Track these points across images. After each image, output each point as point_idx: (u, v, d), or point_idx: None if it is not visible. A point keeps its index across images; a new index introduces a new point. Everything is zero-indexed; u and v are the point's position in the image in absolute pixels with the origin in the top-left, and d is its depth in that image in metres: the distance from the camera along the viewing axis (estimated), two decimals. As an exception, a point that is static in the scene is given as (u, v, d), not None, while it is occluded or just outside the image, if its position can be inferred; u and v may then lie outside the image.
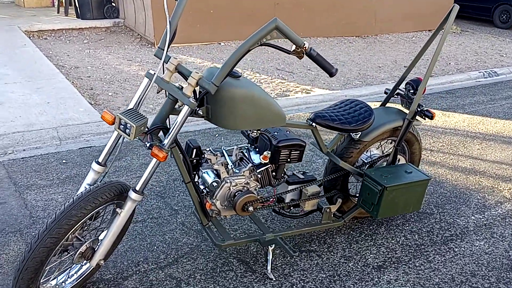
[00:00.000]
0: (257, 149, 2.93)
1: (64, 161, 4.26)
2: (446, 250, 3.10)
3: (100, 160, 2.45)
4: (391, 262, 2.97)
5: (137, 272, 2.81)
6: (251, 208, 2.79)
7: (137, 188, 2.37)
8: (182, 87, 2.39)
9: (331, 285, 2.76)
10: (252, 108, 2.51)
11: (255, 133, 2.75)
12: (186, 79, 2.37)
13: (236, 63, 2.32)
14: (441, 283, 2.80)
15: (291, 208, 3.13)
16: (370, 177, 2.95)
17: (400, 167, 3.11)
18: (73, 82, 6.21)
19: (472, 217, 3.49)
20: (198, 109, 2.49)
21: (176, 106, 2.45)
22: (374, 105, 5.34)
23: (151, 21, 8.07)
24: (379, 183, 2.89)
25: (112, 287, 2.67)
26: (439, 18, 10.53)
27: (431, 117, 3.11)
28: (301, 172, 3.17)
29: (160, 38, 8.07)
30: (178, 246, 3.06)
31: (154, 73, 2.33)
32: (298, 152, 2.86)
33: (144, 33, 8.49)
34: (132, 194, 2.36)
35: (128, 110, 2.25)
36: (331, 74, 2.45)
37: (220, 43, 8.66)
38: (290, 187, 3.04)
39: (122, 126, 2.21)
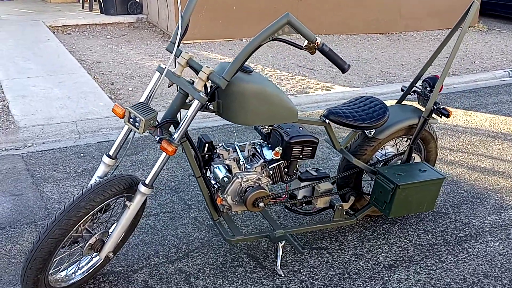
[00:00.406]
0: (269, 145, 2.92)
1: (82, 154, 4.31)
2: (460, 251, 3.05)
3: (111, 153, 2.48)
4: (403, 261, 2.93)
5: (147, 265, 2.83)
6: (261, 204, 2.79)
7: (147, 181, 2.39)
8: (193, 82, 2.39)
9: (340, 283, 2.74)
10: (263, 104, 2.50)
11: (266, 129, 2.74)
12: (197, 73, 2.37)
13: (247, 58, 2.32)
14: (452, 283, 2.76)
15: (303, 205, 3.11)
16: (383, 175, 2.92)
17: (415, 165, 3.07)
18: (94, 76, 6.29)
19: (488, 217, 3.43)
20: (209, 103, 2.50)
21: (187, 101, 2.47)
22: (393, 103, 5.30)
23: (174, 17, 8.12)
24: (391, 181, 2.86)
25: (122, 280, 2.70)
26: (465, 15, 10.37)
27: (448, 115, 3.07)
28: (315, 169, 3.16)
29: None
30: (189, 240, 3.08)
31: (165, 67, 2.34)
32: (311, 148, 2.85)
33: (167, 29, 8.54)
34: (142, 188, 2.38)
35: (138, 103, 2.26)
36: (344, 70, 2.43)
37: (242, 40, 8.67)
38: (303, 184, 3.03)
39: (132, 120, 2.23)
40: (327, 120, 2.88)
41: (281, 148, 2.79)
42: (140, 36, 8.58)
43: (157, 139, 2.32)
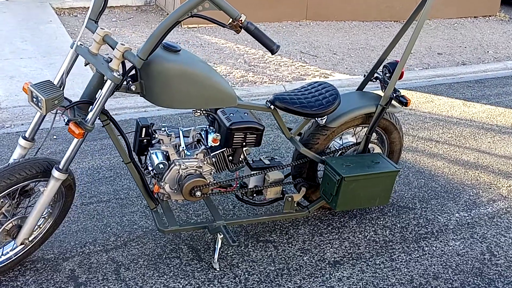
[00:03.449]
0: (214, 131, 2.78)
1: (55, 137, 4.24)
2: (415, 249, 2.86)
3: (26, 135, 2.37)
4: (350, 258, 2.76)
5: (81, 253, 2.73)
6: (198, 193, 2.65)
7: (60, 166, 2.27)
8: (111, 60, 2.26)
9: (276, 279, 2.59)
10: (190, 86, 2.35)
11: (198, 113, 2.59)
12: None
13: (165, 35, 2.18)
14: (397, 284, 2.57)
15: (255, 195, 2.97)
16: (330, 165, 2.75)
17: (368, 156, 2.88)
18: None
19: (457, 214, 3.21)
20: (130, 84, 2.36)
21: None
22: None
23: (179, 1, 8.00)
24: (337, 173, 2.68)
25: (49, 268, 2.60)
26: (486, 3, 9.93)
27: (406, 104, 2.87)
28: (269, 158, 3.01)
29: (222, 16, 8.00)
30: (132, 229, 2.96)
31: (73, 42, 2.22)
32: (255, 136, 2.69)
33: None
34: (55, 173, 2.26)
35: (42, 82, 2.14)
36: (272, 51, 2.26)
37: (250, 25, 8.47)
38: (252, 173, 2.88)
39: (35, 99, 2.11)
40: (272, 106, 2.72)
41: (218, 134, 2.64)
42: (145, 20, 8.49)
43: (65, 120, 2.20)
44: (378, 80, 3.06)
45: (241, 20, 2.16)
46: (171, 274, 2.60)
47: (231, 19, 2.18)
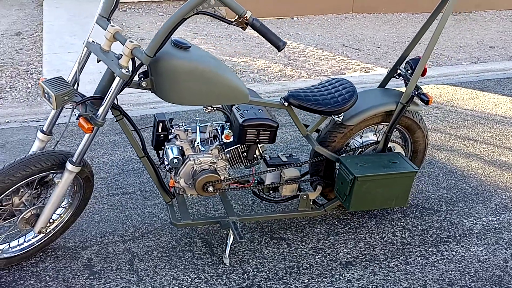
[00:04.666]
0: (230, 127, 2.79)
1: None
2: (433, 253, 2.76)
3: (44, 128, 2.46)
4: (363, 260, 2.70)
5: (100, 243, 2.81)
6: (211, 189, 2.67)
7: (74, 159, 2.34)
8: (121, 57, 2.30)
9: (284, 278, 2.57)
10: (200, 83, 2.37)
11: (209, 109, 2.60)
12: None
13: (171, 32, 2.19)
14: (409, 288, 2.50)
15: (271, 191, 2.96)
16: (344, 164, 2.70)
17: (386, 156, 2.80)
18: (131, 53, 6.36)
19: (484, 218, 3.08)
20: (142, 80, 2.40)
21: None
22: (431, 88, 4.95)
23: (224, -6, 8.02)
24: (350, 172, 2.63)
25: (68, 256, 2.69)
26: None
27: (427, 102, 2.77)
28: (288, 155, 2.98)
29: (228, 13, 8.02)
30: (152, 221, 3.02)
31: (84, 41, 2.28)
32: (268, 133, 2.68)
33: (217, 7, 8.46)
34: (69, 166, 2.34)
35: (54, 78, 2.21)
36: (278, 48, 2.23)
37: (293, 18, 8.42)
38: (268, 169, 2.87)
39: (47, 95, 2.18)
40: (285, 103, 2.69)
41: (230, 130, 2.65)
42: (192, 14, 8.60)
43: (76, 115, 2.26)
44: (401, 77, 2.97)
45: (246, 17, 2.15)
46: (182, 267, 2.63)
47: (236, 16, 2.17)
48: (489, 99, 5.13)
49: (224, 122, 2.82)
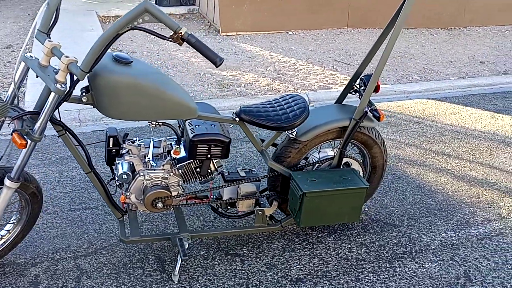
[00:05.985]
0: (183, 143, 2.79)
1: (67, 143, 4.40)
2: (386, 269, 2.73)
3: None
4: (314, 276, 2.68)
5: (50, 259, 2.81)
6: (160, 205, 2.68)
7: (12, 175, 2.36)
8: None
9: (231, 294, 2.56)
10: (140, 98, 2.38)
11: (153, 125, 2.60)
12: None
13: (106, 48, 2.21)
14: (355, 305, 2.47)
15: (229, 207, 2.95)
16: (295, 180, 2.69)
17: (339, 172, 2.79)
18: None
19: (443, 234, 3.04)
20: (83, 95, 2.41)
21: None
22: (415, 103, 4.86)
23: (218, 8, 8.10)
24: (300, 188, 2.62)
25: (16, 272, 2.68)
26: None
27: (379, 119, 2.76)
28: (247, 170, 2.98)
29: (225, 25, 8.09)
30: (108, 237, 3.02)
31: (21, 55, 2.31)
32: (220, 148, 2.68)
33: (213, 20, 8.55)
34: (7, 181, 2.35)
35: (-11, 95, 2.24)
36: (215, 64, 2.24)
37: (288, 32, 8.45)
38: (224, 184, 2.87)
39: (-20, 111, 2.21)
40: (237, 118, 2.70)
41: (178, 146, 2.65)
42: (187, 27, 8.67)
43: (11, 131, 2.28)
44: (357, 93, 2.96)
45: (181, 33, 2.16)
46: (129, 285, 2.62)
47: (172, 32, 2.19)
48: (471, 114, 5.10)
49: (176, 138, 2.83)
